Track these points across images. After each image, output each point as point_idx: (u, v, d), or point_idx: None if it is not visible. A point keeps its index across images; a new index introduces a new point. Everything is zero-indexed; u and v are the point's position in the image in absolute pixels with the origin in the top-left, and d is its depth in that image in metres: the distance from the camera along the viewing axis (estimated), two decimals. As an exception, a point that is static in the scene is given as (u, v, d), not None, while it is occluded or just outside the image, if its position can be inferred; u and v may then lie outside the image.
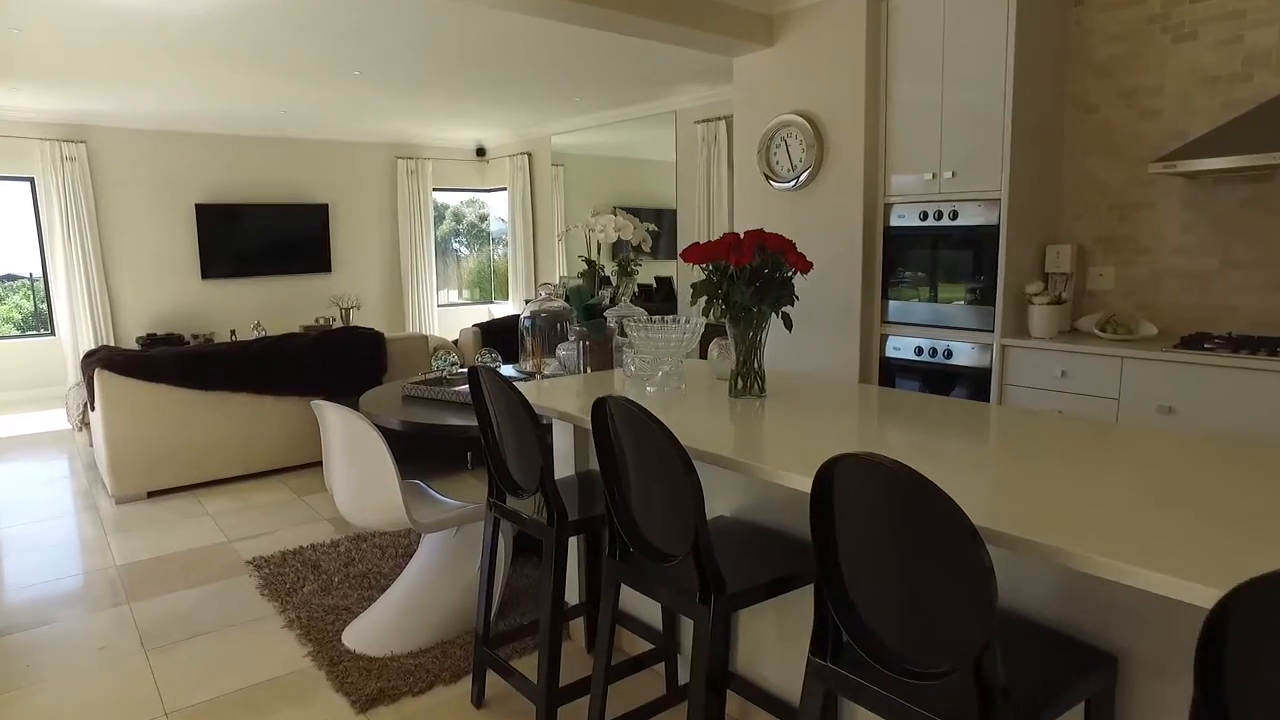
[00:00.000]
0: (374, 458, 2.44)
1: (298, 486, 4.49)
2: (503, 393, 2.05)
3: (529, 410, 1.98)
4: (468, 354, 5.39)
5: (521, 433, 2.05)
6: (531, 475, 2.07)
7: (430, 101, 6.88)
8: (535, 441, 1.99)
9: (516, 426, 2.06)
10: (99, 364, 4.09)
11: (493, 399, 2.14)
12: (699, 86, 6.55)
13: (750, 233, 2.15)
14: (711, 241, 2.21)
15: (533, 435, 1.98)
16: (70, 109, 6.84)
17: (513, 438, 2.11)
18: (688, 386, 2.46)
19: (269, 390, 4.58)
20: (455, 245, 10.10)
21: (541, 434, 1.98)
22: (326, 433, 2.65)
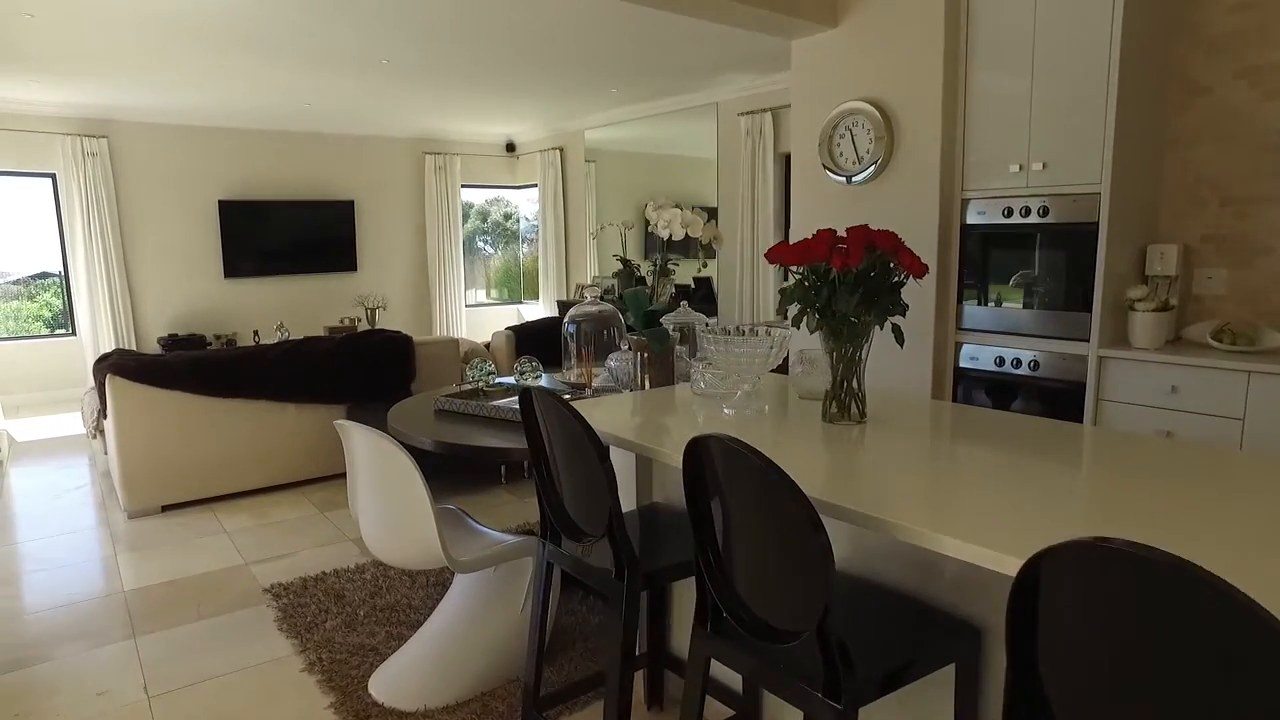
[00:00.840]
0: (406, 488, 2.12)
1: (320, 501, 4.20)
2: (562, 421, 1.72)
3: (596, 444, 1.64)
4: (500, 360, 5.08)
5: (585, 469, 1.71)
6: (597, 519, 1.74)
7: (460, 94, 6.59)
8: (603, 480, 1.65)
9: (578, 461, 1.73)
10: (111, 369, 3.82)
11: (548, 427, 1.81)
12: (742, 76, 6.19)
13: (855, 230, 1.80)
14: (807, 240, 1.86)
15: (601, 473, 1.65)
16: (91, 103, 6.62)
17: (572, 473, 1.78)
18: (769, 408, 2.12)
19: (290, 398, 4.30)
20: (480, 244, 9.82)
21: (611, 472, 1.65)
22: (351, 456, 2.34)
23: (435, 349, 4.79)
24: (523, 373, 3.29)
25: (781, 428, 1.92)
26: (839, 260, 1.78)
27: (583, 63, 5.57)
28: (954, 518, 1.26)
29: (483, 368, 3.24)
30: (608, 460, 1.65)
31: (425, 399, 3.19)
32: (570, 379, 3.31)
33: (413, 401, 3.14)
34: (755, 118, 6.34)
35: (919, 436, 1.81)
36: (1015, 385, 3.54)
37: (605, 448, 1.66)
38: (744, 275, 6.55)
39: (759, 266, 6.43)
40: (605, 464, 1.65)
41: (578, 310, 3.29)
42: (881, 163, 3.79)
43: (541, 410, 1.80)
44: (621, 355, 2.81)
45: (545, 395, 1.76)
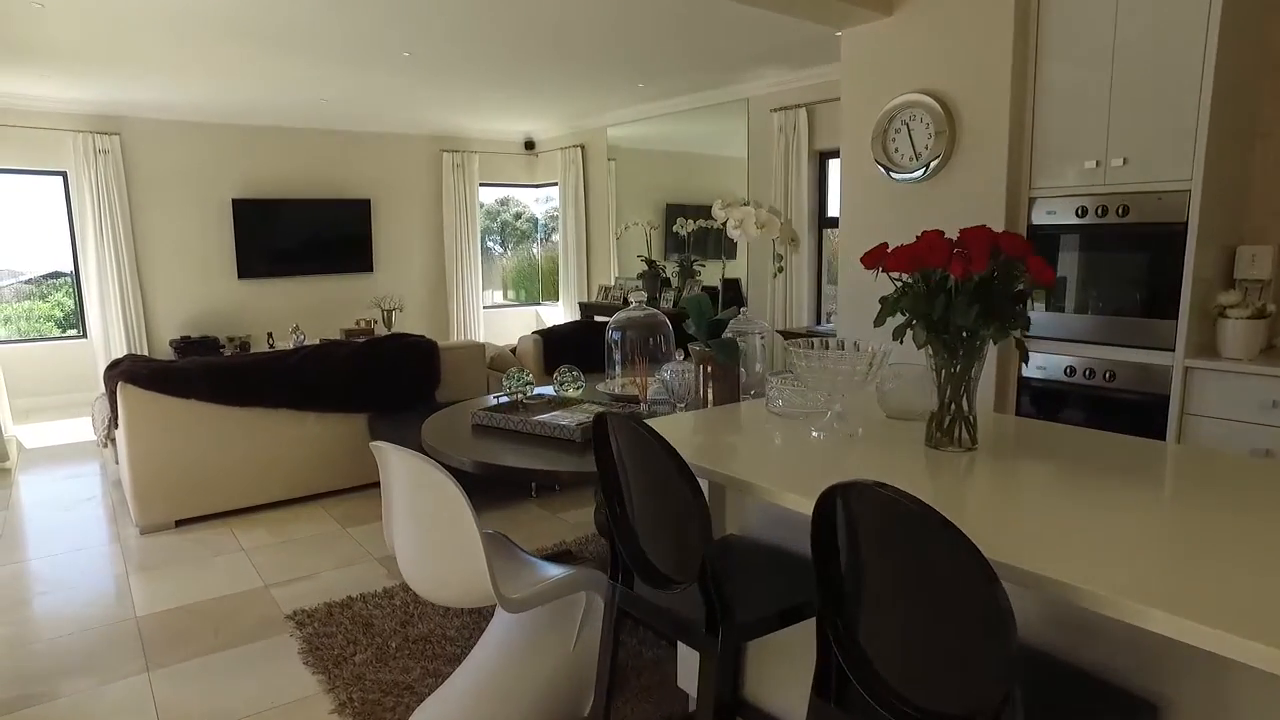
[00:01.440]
0: (453, 520, 1.90)
1: (342, 515, 3.99)
2: (645, 450, 1.49)
3: (688, 479, 1.41)
4: (527, 366, 4.85)
5: (669, 505, 1.48)
6: (683, 562, 1.51)
7: (481, 88, 6.37)
8: (694, 519, 1.42)
9: (661, 495, 1.50)
10: (122, 377, 3.61)
11: (625, 456, 1.58)
12: (776, 70, 5.96)
13: (976, 232, 1.57)
14: (919, 243, 1.63)
15: (693, 511, 1.42)
16: (103, 99, 6.43)
17: (653, 509, 1.55)
18: (862, 431, 1.88)
19: (309, 406, 4.08)
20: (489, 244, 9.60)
21: (705, 512, 1.42)
22: (388, 479, 2.12)
23: (460, 354, 4.57)
24: (563, 383, 3.06)
25: (882, 456, 1.69)
26: (959, 267, 1.54)
27: (612, 56, 5.34)
28: (1164, 587, 1.03)
29: (520, 378, 3.01)
30: (701, 496, 1.42)
31: (459, 412, 2.97)
32: (614, 390, 3.08)
33: (446, 415, 2.92)
34: (789, 114, 6.10)
35: (1043, 467, 1.57)
36: (1088, 397, 3.30)
37: (697, 482, 1.42)
38: (778, 277, 6.31)
39: (792, 267, 6.19)
40: (698, 500, 1.42)
41: (623, 316, 3.06)
42: (942, 159, 3.54)
43: (619, 438, 1.57)
44: (678, 366, 2.58)
45: (624, 422, 1.53)
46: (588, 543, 3.56)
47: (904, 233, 3.72)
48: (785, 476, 1.53)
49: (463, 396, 4.56)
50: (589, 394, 3.13)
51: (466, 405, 3.09)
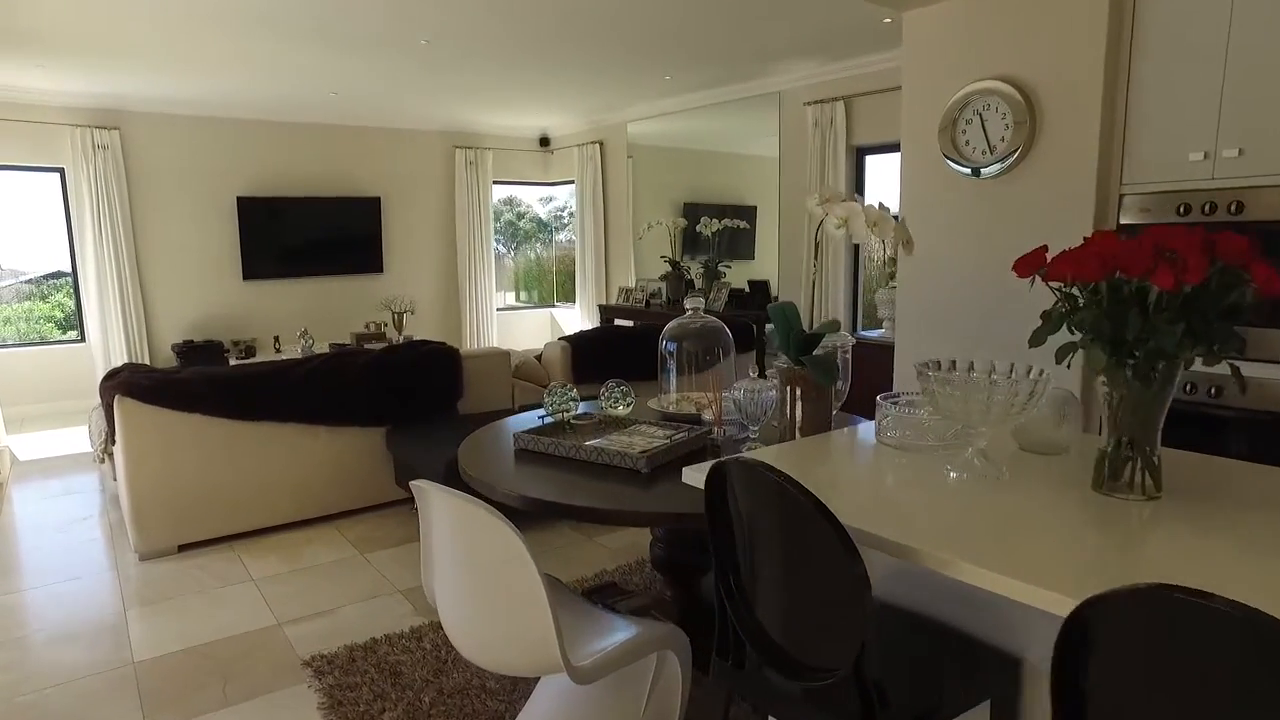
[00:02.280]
0: (515, 580, 1.58)
1: (359, 539, 3.67)
2: (783, 506, 1.17)
3: (845, 545, 1.09)
4: (554, 376, 4.53)
5: (818, 580, 1.17)
6: (827, 647, 1.19)
7: (499, 79, 6.05)
8: (856, 603, 1.11)
9: (803, 567, 1.18)
10: (120, 389, 3.30)
11: (757, 518, 1.26)
12: (811, 61, 5.64)
13: (1181, 232, 1.25)
14: (1102, 247, 1.31)
15: (854, 592, 1.10)
16: (102, 92, 6.12)
17: (788, 582, 1.23)
18: (1007, 470, 1.56)
19: (322, 420, 3.77)
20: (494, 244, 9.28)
21: (865, 586, 1.10)
22: (428, 523, 1.80)
23: (484, 363, 4.25)
24: (612, 400, 2.74)
25: (1047, 505, 1.37)
26: (1167, 276, 1.22)
27: (642, 45, 5.02)
28: None
29: (564, 394, 2.69)
30: (860, 565, 1.10)
31: (497, 435, 2.65)
32: (668, 407, 2.77)
33: (482, 437, 2.60)
34: (825, 107, 5.78)
35: (1260, 519, 1.25)
36: (1192, 415, 2.97)
37: (859, 554, 1.11)
38: (810, 280, 5.99)
39: (828, 271, 5.87)
40: (856, 571, 1.10)
41: (680, 325, 2.75)
42: (1021, 152, 3.22)
43: (746, 492, 1.25)
44: (752, 384, 2.26)
45: (757, 473, 1.21)
46: (632, 573, 3.25)
47: (973, 232, 3.41)
48: (983, 548, 1.21)
49: (486, 408, 4.24)
50: (638, 411, 2.81)
51: (501, 425, 2.77)
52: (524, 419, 2.81)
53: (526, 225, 9.80)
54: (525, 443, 2.38)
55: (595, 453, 2.21)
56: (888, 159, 5.82)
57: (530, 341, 9.00)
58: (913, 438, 1.74)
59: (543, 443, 2.33)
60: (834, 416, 2.21)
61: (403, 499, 4.06)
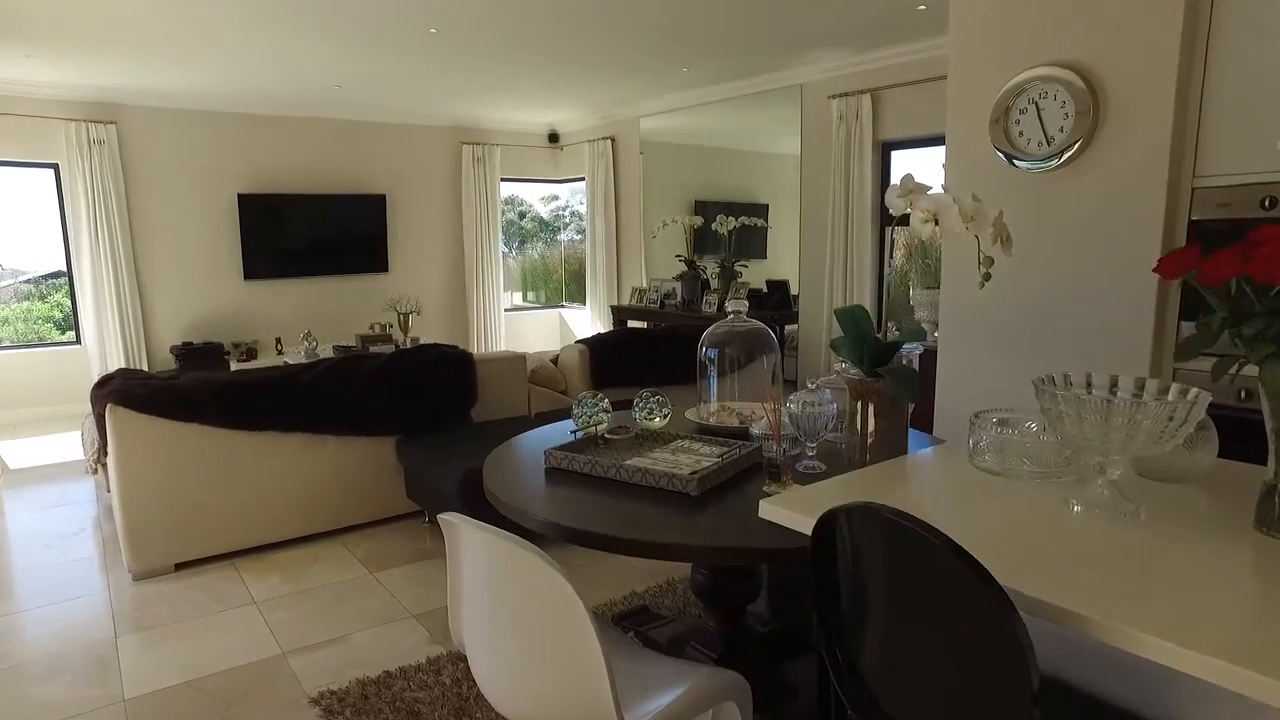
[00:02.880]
0: (564, 632, 1.35)
1: (368, 556, 3.44)
2: (922, 570, 0.94)
3: (1011, 621, 0.86)
4: (573, 381, 4.30)
5: (960, 652, 0.94)
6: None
7: (510, 71, 5.82)
8: (1017, 681, 0.88)
9: (936, 627, 0.95)
10: (112, 398, 3.07)
11: (881, 574, 1.03)
12: (836, 54, 5.41)
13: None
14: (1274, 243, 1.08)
15: (1015, 669, 0.87)
16: (98, 84, 5.90)
17: (920, 653, 1.00)
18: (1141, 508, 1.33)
19: (329, 429, 3.54)
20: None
21: (1029, 659, 0.87)
22: (458, 560, 1.58)
23: (498, 368, 4.02)
24: (647, 412, 2.51)
25: (1208, 553, 1.14)
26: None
27: (659, 35, 4.79)
28: None
29: (594, 405, 2.46)
30: (1028, 643, 0.87)
31: (523, 450, 2.42)
32: (707, 419, 2.54)
33: (507, 450, 2.37)
34: (850, 100, 5.55)
35: None
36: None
37: (1022, 622, 0.88)
38: (834, 280, 5.77)
39: (854, 272, 5.64)
40: (1016, 642, 0.87)
41: (723, 330, 2.52)
42: (1082, 144, 2.99)
43: (869, 544, 1.02)
44: (810, 396, 2.03)
45: (886, 522, 0.98)
46: (663, 594, 3.02)
47: (1029, 229, 3.17)
48: (1163, 616, 0.98)
49: (501, 415, 4.02)
50: (675, 423, 2.58)
51: (526, 439, 2.54)
52: (551, 432, 2.58)
53: (528, 225, 9.59)
54: (557, 460, 2.14)
55: (639, 474, 1.98)
56: (915, 154, 5.60)
57: (539, 343, 8.77)
58: (1009, 464, 1.52)
59: (577, 461, 2.10)
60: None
61: (413, 512, 3.84)
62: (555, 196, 9.21)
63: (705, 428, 2.50)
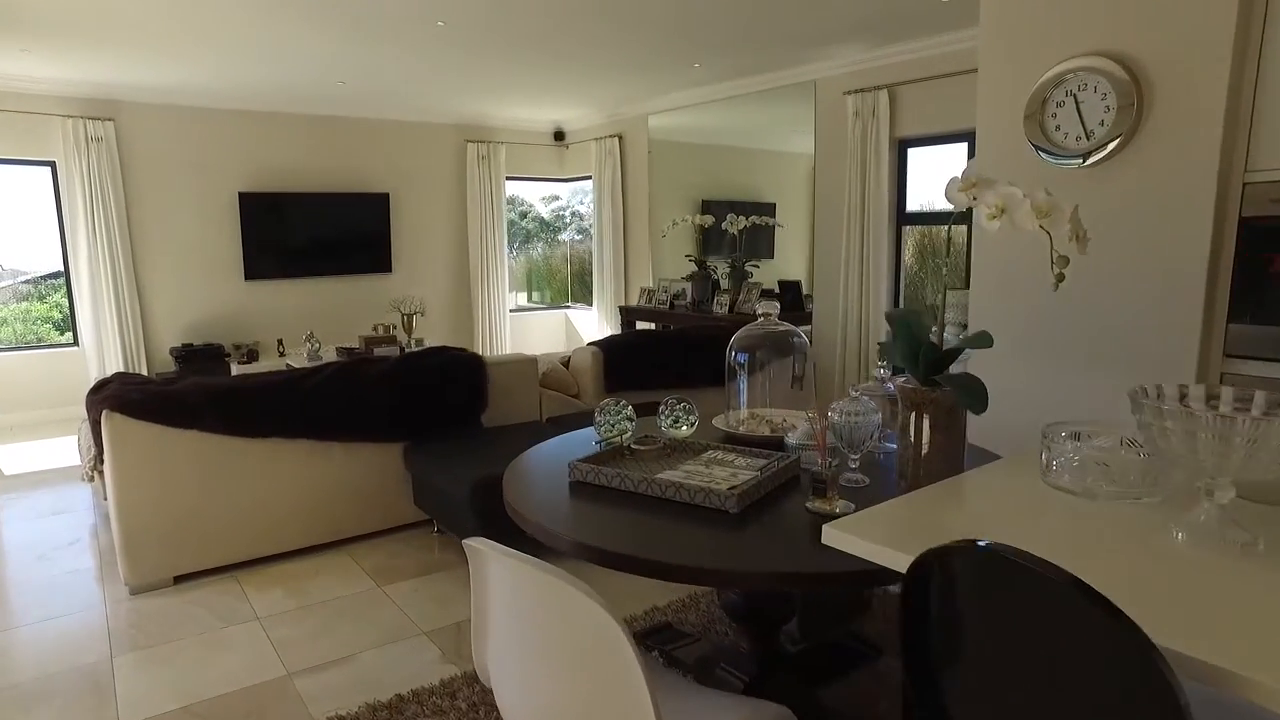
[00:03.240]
0: (608, 669, 1.21)
1: (375, 568, 3.30)
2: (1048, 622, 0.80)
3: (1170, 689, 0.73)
4: (585, 385, 4.17)
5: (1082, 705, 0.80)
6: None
7: (517, 67, 5.69)
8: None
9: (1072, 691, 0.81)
10: (108, 404, 2.93)
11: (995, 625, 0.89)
12: (853, 48, 5.27)
13: None
14: None
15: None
16: (96, 80, 5.76)
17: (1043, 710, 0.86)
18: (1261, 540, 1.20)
19: (335, 436, 3.40)
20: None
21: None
22: (484, 589, 1.44)
23: (509, 371, 3.88)
24: (673, 419, 2.37)
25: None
26: None
27: (672, 29, 4.65)
28: None
29: (618, 413, 2.33)
30: (1176, 698, 0.74)
31: (541, 460, 2.28)
32: (735, 427, 2.40)
33: (529, 465, 2.23)
34: (866, 97, 5.41)
35: None
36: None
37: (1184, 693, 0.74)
38: (849, 281, 5.63)
39: (869, 272, 5.51)
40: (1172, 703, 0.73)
41: (754, 333, 2.38)
42: (1124, 138, 2.85)
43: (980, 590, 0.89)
44: (851, 406, 1.89)
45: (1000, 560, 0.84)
46: (686, 609, 2.88)
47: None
48: None
49: (512, 420, 3.88)
50: (702, 431, 2.44)
51: (547, 449, 2.40)
52: (572, 441, 2.44)
53: (528, 225, 9.45)
54: (582, 474, 2.01)
55: (672, 489, 1.84)
56: (933, 152, 5.46)
57: (545, 344, 8.64)
58: (1097, 482, 1.38)
59: (604, 474, 1.96)
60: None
61: (421, 521, 3.70)
62: (556, 196, 9.07)
63: (734, 436, 2.37)
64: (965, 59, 4.93)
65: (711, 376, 4.60)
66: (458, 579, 3.17)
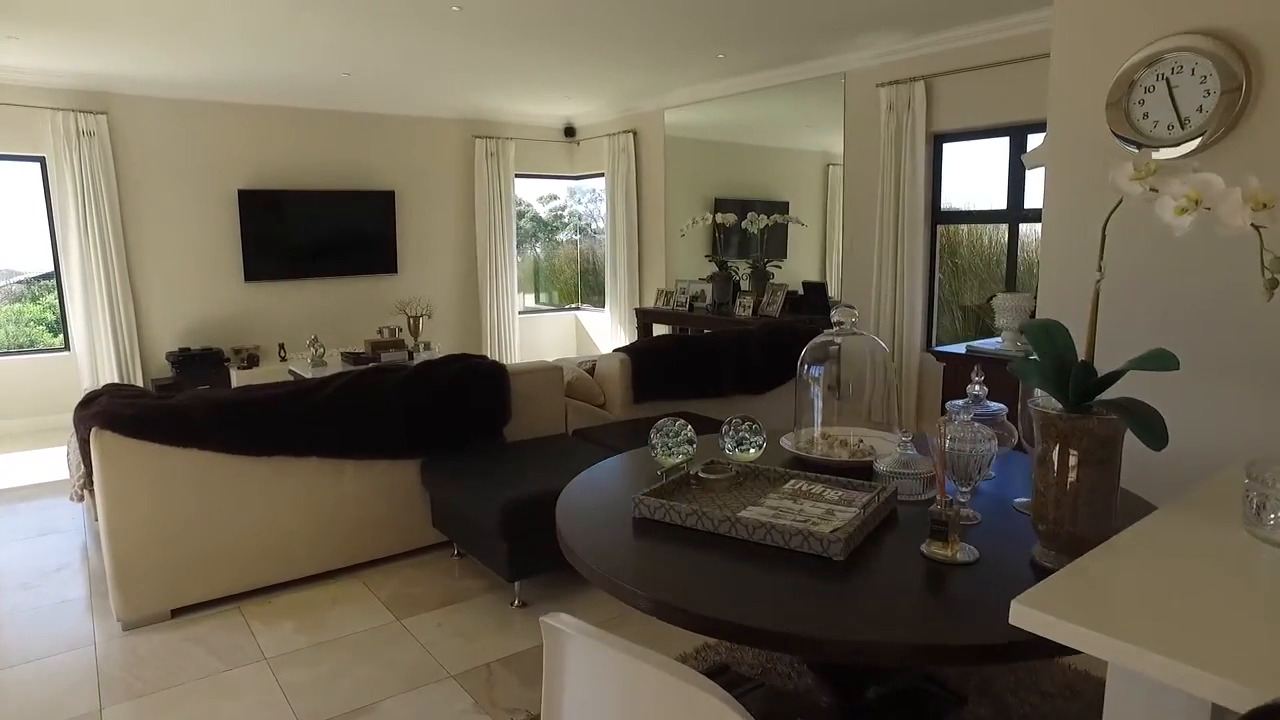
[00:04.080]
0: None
1: (393, 598, 3.02)
2: None
3: None
4: (613, 394, 3.88)
5: None
6: None
7: (527, 59, 5.40)
8: None
9: None
10: (98, 420, 2.64)
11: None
12: (888, 37, 5.00)
13: None
14: None
15: None
16: (88, 71, 5.47)
17: None
18: None
19: (348, 453, 3.12)
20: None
21: None
22: (560, 673, 1.15)
23: (533, 381, 3.60)
24: (739, 441, 2.09)
25: None
26: None
27: (697, 17, 4.37)
28: None
29: (678, 435, 2.05)
30: None
31: (595, 488, 2.00)
32: (807, 449, 2.12)
33: (582, 494, 1.95)
34: (901, 89, 5.14)
35: None
36: None
37: None
38: (882, 283, 5.36)
39: (904, 273, 5.23)
40: None
41: (828, 343, 2.10)
42: (1227, 126, 2.58)
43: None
44: (963, 431, 1.61)
45: None
46: (740, 646, 2.60)
47: (1149, 229, 2.77)
48: None
49: (536, 433, 3.60)
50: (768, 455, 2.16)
51: (599, 473, 2.12)
52: (627, 465, 2.16)
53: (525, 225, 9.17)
54: (650, 510, 1.73)
55: (762, 530, 1.56)
56: (969, 148, 5.19)
57: (555, 347, 8.36)
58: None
59: (677, 511, 1.68)
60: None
61: (440, 543, 3.42)
62: (554, 196, 8.79)
63: (807, 460, 2.09)
64: (1008, 48, 4.66)
65: (744, 384, 4.32)
66: (484, 610, 2.89)
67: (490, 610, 2.90)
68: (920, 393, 5.29)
